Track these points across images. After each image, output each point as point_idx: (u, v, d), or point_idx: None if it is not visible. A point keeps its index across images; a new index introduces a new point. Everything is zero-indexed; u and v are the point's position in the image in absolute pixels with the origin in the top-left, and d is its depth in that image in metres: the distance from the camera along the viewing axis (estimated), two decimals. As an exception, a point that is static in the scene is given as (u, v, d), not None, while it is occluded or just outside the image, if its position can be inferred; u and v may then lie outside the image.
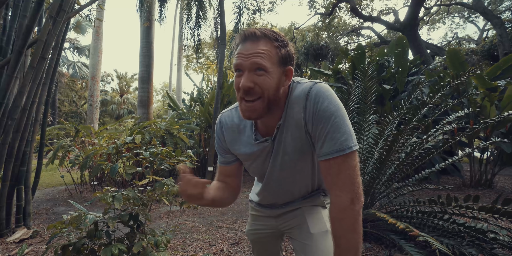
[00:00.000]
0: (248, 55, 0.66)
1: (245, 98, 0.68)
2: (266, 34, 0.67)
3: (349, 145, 0.66)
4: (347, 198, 0.65)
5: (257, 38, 0.67)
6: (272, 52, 0.67)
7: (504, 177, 5.50)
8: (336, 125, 0.66)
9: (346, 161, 0.66)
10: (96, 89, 9.93)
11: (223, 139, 0.87)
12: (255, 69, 0.66)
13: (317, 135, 0.69)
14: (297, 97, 0.71)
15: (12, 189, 2.45)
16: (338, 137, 0.66)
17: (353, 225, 0.65)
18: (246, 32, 0.69)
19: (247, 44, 0.67)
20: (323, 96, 0.68)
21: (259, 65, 0.65)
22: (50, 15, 2.38)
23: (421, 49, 9.10)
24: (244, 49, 0.67)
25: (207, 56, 20.89)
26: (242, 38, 0.69)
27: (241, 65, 0.67)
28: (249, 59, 0.66)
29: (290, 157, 0.78)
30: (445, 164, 2.24)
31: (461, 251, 1.65)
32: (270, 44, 0.67)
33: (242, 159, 0.88)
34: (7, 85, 2.34)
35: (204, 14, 6.74)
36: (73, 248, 1.27)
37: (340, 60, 7.21)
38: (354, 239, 0.65)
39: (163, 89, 32.31)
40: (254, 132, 0.79)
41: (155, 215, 3.30)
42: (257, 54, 0.66)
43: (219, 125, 0.87)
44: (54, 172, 7.22)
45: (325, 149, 0.67)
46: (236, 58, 0.68)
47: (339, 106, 0.68)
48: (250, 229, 1.07)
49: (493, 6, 13.77)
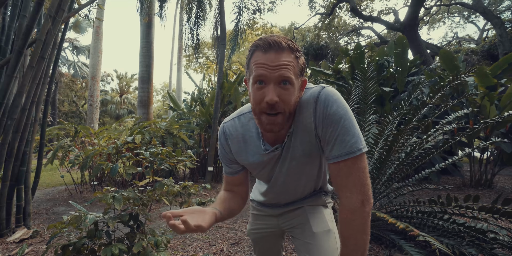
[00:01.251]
0: (274, 67, 0.62)
1: (267, 112, 0.65)
2: (290, 45, 0.65)
3: (358, 147, 0.66)
4: (357, 200, 0.65)
5: (282, 48, 0.63)
6: (294, 63, 0.65)
7: (504, 177, 5.50)
8: (346, 128, 0.66)
9: (356, 163, 0.66)
10: (96, 89, 9.93)
11: (228, 150, 0.84)
12: (280, 82, 0.63)
13: (327, 138, 0.69)
14: (306, 102, 0.71)
15: (12, 189, 2.45)
16: (348, 139, 0.66)
17: (362, 226, 0.65)
18: (271, 40, 0.64)
19: (271, 54, 0.63)
20: (331, 100, 0.68)
21: (286, 78, 0.63)
22: (49, 14, 2.38)
23: (421, 49, 9.10)
24: (267, 59, 0.63)
25: (207, 56, 20.89)
26: (266, 47, 0.64)
27: (266, 77, 0.63)
28: (276, 72, 0.62)
29: (297, 161, 0.78)
30: (446, 164, 2.24)
31: (461, 251, 1.65)
32: (292, 55, 0.65)
33: (250, 168, 0.86)
34: (6, 85, 2.34)
35: (204, 14, 6.74)
36: (73, 248, 1.27)
37: (340, 60, 7.21)
38: (362, 239, 0.65)
39: (163, 89, 32.29)
40: (263, 142, 0.77)
41: (155, 215, 3.30)
42: (284, 67, 0.62)
43: (223, 136, 0.84)
44: (54, 172, 7.22)
45: (335, 151, 0.68)
46: (259, 68, 0.64)
47: (347, 109, 0.68)
48: (251, 229, 1.07)
49: (493, 6, 13.77)
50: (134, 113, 20.89)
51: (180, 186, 1.67)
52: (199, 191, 1.73)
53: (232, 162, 0.86)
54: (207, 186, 1.77)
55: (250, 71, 0.68)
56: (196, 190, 1.71)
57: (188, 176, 5.66)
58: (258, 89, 0.65)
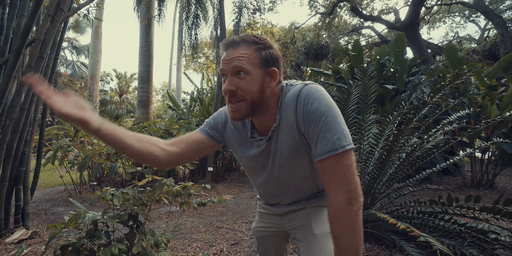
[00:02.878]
0: (229, 60, 0.70)
1: (230, 101, 0.72)
2: (245, 39, 0.71)
3: (341, 144, 0.65)
4: (343, 198, 0.64)
5: (237, 44, 0.71)
6: (252, 55, 0.70)
7: (505, 177, 5.49)
8: (327, 125, 0.66)
9: (340, 161, 0.65)
10: (95, 89, 9.92)
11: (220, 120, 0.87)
12: (236, 73, 0.70)
13: (311, 136, 0.70)
14: (289, 99, 0.73)
15: (10, 189, 2.44)
16: (330, 136, 0.66)
17: (350, 225, 0.64)
18: (227, 40, 0.73)
19: (228, 51, 0.72)
20: (313, 97, 0.69)
21: (238, 68, 0.69)
22: (48, 14, 2.37)
23: (422, 48, 9.08)
24: (226, 55, 0.72)
25: (207, 56, 20.88)
26: (225, 46, 0.73)
27: (224, 70, 0.71)
28: (230, 64, 0.70)
29: (286, 157, 0.79)
30: (447, 164, 2.24)
31: (462, 252, 1.64)
32: (250, 48, 0.71)
33: (244, 163, 0.90)
34: (5, 85, 2.32)
35: (204, 14, 6.72)
36: (72, 249, 1.26)
37: (340, 60, 7.19)
38: (352, 239, 0.64)
39: (163, 89, 32.28)
40: (251, 130, 0.82)
41: (155, 215, 3.29)
42: (236, 58, 0.69)
43: (224, 115, 0.87)
44: (53, 172, 7.21)
45: (318, 149, 0.68)
46: (220, 64, 0.73)
47: (330, 105, 0.68)
48: (256, 226, 1.08)
49: (494, 6, 13.75)
50: (133, 113, 20.88)
51: (180, 186, 1.66)
52: (199, 192, 1.72)
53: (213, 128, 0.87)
54: (207, 186, 1.76)
55: None
56: (196, 191, 1.70)
57: (187, 176, 5.65)
58: (223, 82, 0.73)
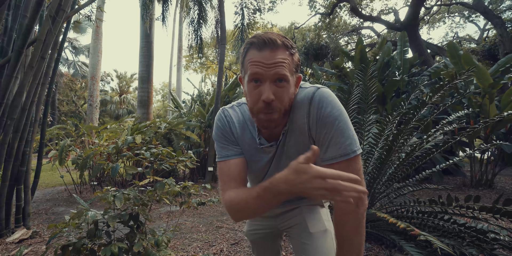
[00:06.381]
0: (269, 65, 0.62)
1: (264, 111, 0.65)
2: (284, 42, 0.64)
3: (353, 149, 0.66)
4: (352, 202, 0.65)
5: (277, 46, 0.63)
6: (289, 60, 0.64)
7: (504, 177, 5.49)
8: (340, 129, 0.66)
9: (350, 165, 0.66)
10: (96, 89, 9.92)
11: (230, 131, 0.79)
12: (275, 80, 0.63)
13: (321, 140, 0.69)
14: (300, 102, 0.70)
15: (11, 189, 2.44)
16: (342, 141, 0.66)
17: (357, 228, 0.65)
18: (265, 38, 0.63)
19: (265, 52, 0.63)
20: (326, 101, 0.67)
21: (281, 75, 0.62)
22: (49, 14, 2.37)
23: (422, 48, 9.08)
24: (263, 57, 0.62)
25: (206, 56, 20.87)
26: (261, 45, 0.63)
27: (261, 75, 0.63)
28: (272, 69, 0.62)
29: (291, 160, 0.77)
30: (447, 164, 2.24)
31: (461, 252, 1.65)
32: (287, 52, 0.64)
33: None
34: (6, 85, 2.33)
35: (205, 14, 6.73)
36: (73, 248, 1.26)
37: (340, 60, 7.20)
38: (357, 241, 0.66)
39: (163, 89, 32.27)
40: (258, 136, 0.77)
41: (155, 215, 3.29)
42: (279, 64, 0.62)
43: (224, 118, 0.80)
44: (54, 172, 7.21)
45: (329, 153, 0.67)
46: (254, 66, 0.63)
47: (341, 110, 0.68)
48: (249, 230, 1.07)
49: (494, 6, 13.75)
50: (133, 113, 20.86)
51: (180, 186, 1.66)
52: (199, 192, 1.73)
53: (234, 143, 0.78)
54: (207, 186, 1.76)
55: (245, 69, 0.67)
56: (196, 191, 1.71)
57: (188, 176, 5.66)
58: (254, 88, 0.65)
